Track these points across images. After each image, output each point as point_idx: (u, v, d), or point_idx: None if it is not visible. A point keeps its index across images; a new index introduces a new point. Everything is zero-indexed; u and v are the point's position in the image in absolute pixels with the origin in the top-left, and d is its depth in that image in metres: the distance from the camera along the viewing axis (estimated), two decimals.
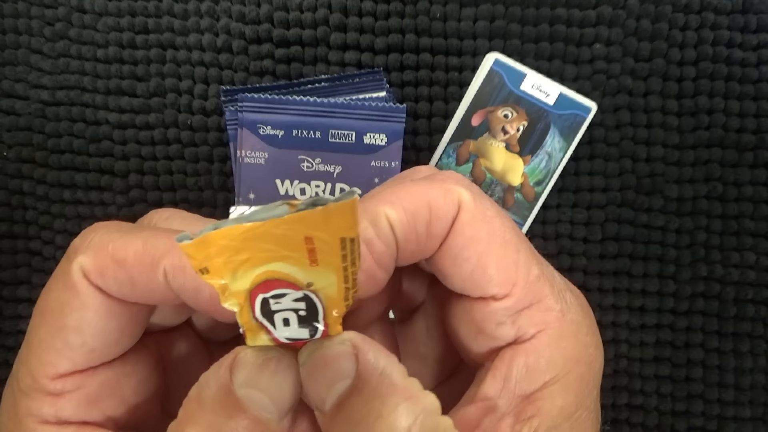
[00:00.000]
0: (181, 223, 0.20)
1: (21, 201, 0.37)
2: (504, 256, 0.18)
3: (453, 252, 0.18)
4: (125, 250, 0.17)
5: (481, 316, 0.18)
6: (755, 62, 0.36)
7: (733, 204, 0.36)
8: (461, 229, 0.18)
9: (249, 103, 0.33)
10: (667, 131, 0.36)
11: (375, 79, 0.34)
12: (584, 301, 0.20)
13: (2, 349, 0.37)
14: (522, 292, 0.18)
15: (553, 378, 0.18)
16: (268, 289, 0.15)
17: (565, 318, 0.18)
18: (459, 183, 0.18)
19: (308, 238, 0.13)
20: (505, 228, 0.18)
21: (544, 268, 0.19)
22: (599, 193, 0.36)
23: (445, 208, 0.18)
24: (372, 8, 0.36)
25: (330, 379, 0.16)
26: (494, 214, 0.18)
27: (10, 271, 0.37)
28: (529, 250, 0.18)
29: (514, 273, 0.18)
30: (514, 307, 0.18)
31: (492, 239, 0.18)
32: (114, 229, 0.18)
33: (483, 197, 0.19)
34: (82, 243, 0.18)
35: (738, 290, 0.36)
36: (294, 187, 0.34)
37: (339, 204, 0.12)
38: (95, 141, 0.36)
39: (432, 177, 0.19)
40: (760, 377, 0.37)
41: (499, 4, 0.36)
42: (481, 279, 0.18)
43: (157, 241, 0.17)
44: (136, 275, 0.17)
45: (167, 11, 0.36)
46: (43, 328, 0.17)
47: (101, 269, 0.17)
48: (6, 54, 0.36)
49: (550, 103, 0.35)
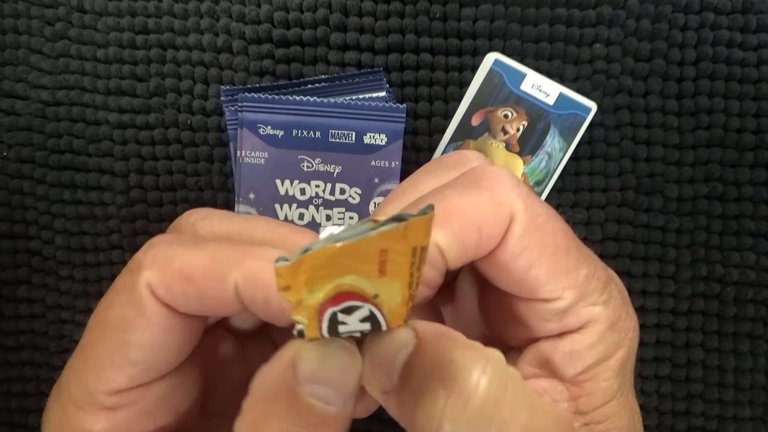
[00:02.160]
0: (220, 221, 0.20)
1: (21, 201, 0.37)
2: (555, 264, 0.18)
3: (503, 261, 0.18)
4: (193, 265, 0.17)
5: (527, 314, 0.19)
6: (755, 62, 0.35)
7: (733, 204, 0.36)
8: (513, 242, 0.18)
9: (249, 103, 0.33)
10: (667, 131, 0.36)
11: (375, 79, 0.34)
12: (621, 284, 0.20)
13: (2, 349, 0.37)
14: (572, 295, 0.18)
15: (595, 362, 0.18)
16: (337, 302, 0.15)
17: (609, 308, 0.18)
18: (510, 189, 0.18)
19: (383, 251, 0.14)
20: (555, 233, 0.18)
21: (591, 263, 0.19)
22: (599, 193, 0.36)
23: (496, 227, 0.17)
24: (372, 8, 0.36)
25: (392, 352, 0.16)
26: (545, 219, 0.18)
27: (10, 271, 0.37)
28: (578, 250, 0.18)
29: (564, 278, 0.18)
30: (562, 308, 0.18)
31: (544, 248, 0.18)
32: (177, 242, 0.18)
33: (534, 202, 0.18)
34: (146, 258, 0.18)
35: (738, 290, 0.36)
36: (294, 187, 0.34)
37: (419, 219, 0.13)
38: (95, 141, 0.36)
39: (479, 178, 0.18)
40: (760, 377, 0.37)
41: (499, 4, 0.36)
42: (531, 286, 0.18)
43: (224, 254, 0.17)
44: (206, 290, 0.17)
45: (167, 11, 0.36)
46: (103, 344, 0.17)
47: (169, 285, 0.17)
48: (6, 54, 0.36)
49: (550, 103, 0.35)
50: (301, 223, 0.34)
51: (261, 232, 0.19)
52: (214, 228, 0.20)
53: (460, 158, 0.21)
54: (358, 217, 0.34)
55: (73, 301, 0.37)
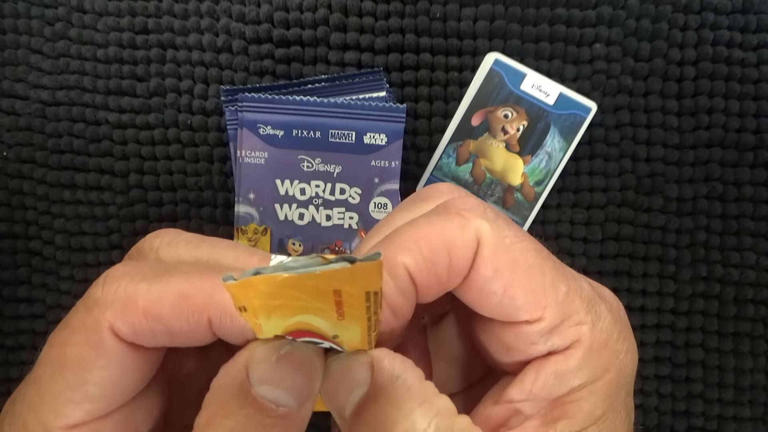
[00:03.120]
0: (186, 247, 0.19)
1: (21, 201, 0.37)
2: (530, 283, 0.18)
3: (478, 285, 0.18)
4: (160, 304, 0.16)
5: (513, 338, 0.19)
6: (755, 62, 0.35)
7: (733, 204, 0.36)
8: (483, 264, 0.18)
9: (249, 103, 0.33)
10: (667, 131, 0.36)
11: (375, 79, 0.34)
12: (616, 304, 0.20)
13: (2, 349, 0.37)
14: (552, 314, 0.18)
15: (581, 384, 0.18)
16: (298, 336, 0.16)
17: (596, 328, 0.18)
18: (475, 213, 0.18)
19: (336, 291, 0.14)
20: (527, 252, 0.18)
21: (571, 282, 0.18)
22: (599, 193, 0.36)
23: (464, 248, 0.17)
24: (372, 8, 0.36)
25: (347, 387, 0.17)
26: (514, 239, 0.18)
27: (10, 271, 0.37)
28: (554, 269, 0.18)
29: (543, 297, 0.18)
30: (545, 329, 0.18)
31: (515, 268, 0.18)
32: (139, 276, 0.17)
33: (501, 223, 0.18)
34: (105, 295, 0.17)
35: (738, 290, 0.36)
36: (294, 187, 0.34)
37: (366, 264, 0.13)
38: (95, 141, 0.36)
39: (447, 207, 0.19)
40: (760, 377, 0.37)
41: (499, 4, 0.36)
42: (509, 308, 0.18)
43: (192, 288, 0.17)
44: (175, 327, 0.17)
45: (167, 11, 0.36)
46: (60, 381, 0.17)
47: (134, 325, 0.16)
48: (6, 54, 0.36)
49: (550, 103, 0.35)
50: (301, 223, 0.34)
51: (230, 261, 0.19)
52: (180, 254, 0.19)
53: (432, 192, 0.21)
54: (358, 217, 0.34)
55: (74, 302, 0.37)
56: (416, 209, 0.20)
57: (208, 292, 0.16)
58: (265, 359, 0.16)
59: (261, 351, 0.16)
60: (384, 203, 0.34)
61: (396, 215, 0.20)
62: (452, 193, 0.21)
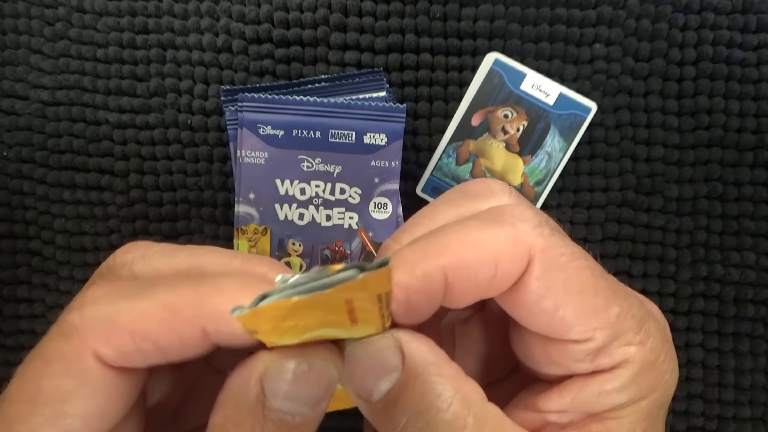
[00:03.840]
0: (162, 259, 0.18)
1: (21, 201, 0.37)
2: (583, 304, 0.17)
3: (527, 302, 0.17)
4: (147, 321, 0.15)
5: (557, 353, 0.18)
6: (755, 62, 0.35)
7: (733, 204, 0.36)
8: (535, 283, 0.17)
9: (249, 103, 0.33)
10: (667, 131, 0.36)
11: (375, 79, 0.34)
12: (663, 322, 0.19)
13: (2, 349, 0.37)
14: (603, 335, 0.17)
15: (625, 403, 0.17)
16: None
17: (645, 348, 0.17)
18: (530, 226, 0.17)
19: (348, 301, 0.14)
20: (581, 272, 0.17)
21: (623, 301, 0.18)
22: (599, 193, 0.36)
23: (513, 264, 0.17)
24: (372, 8, 0.36)
25: (376, 373, 0.16)
26: (570, 258, 0.17)
27: (10, 271, 0.37)
28: (607, 288, 0.17)
29: (594, 319, 0.17)
30: (593, 349, 0.17)
31: (569, 289, 0.17)
32: (117, 295, 0.16)
33: (557, 240, 0.17)
34: (85, 321, 0.16)
35: (738, 290, 0.36)
36: (294, 187, 0.34)
37: (376, 273, 0.13)
38: (95, 141, 0.36)
39: (501, 215, 0.17)
40: (760, 377, 0.37)
41: (499, 4, 0.36)
42: (559, 328, 0.17)
43: (179, 299, 0.15)
44: (168, 342, 0.16)
45: (167, 11, 0.36)
46: (36, 417, 0.15)
47: (122, 349, 0.15)
48: (6, 54, 0.36)
49: (550, 103, 0.35)
50: (301, 223, 0.34)
51: (214, 267, 0.18)
52: (157, 267, 0.18)
53: (483, 188, 0.20)
54: (358, 217, 0.34)
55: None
56: (465, 206, 0.19)
57: (197, 301, 0.15)
58: (281, 376, 0.15)
59: (276, 366, 0.15)
60: (384, 203, 0.34)
61: (441, 207, 0.20)
62: (504, 194, 0.19)
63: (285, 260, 0.34)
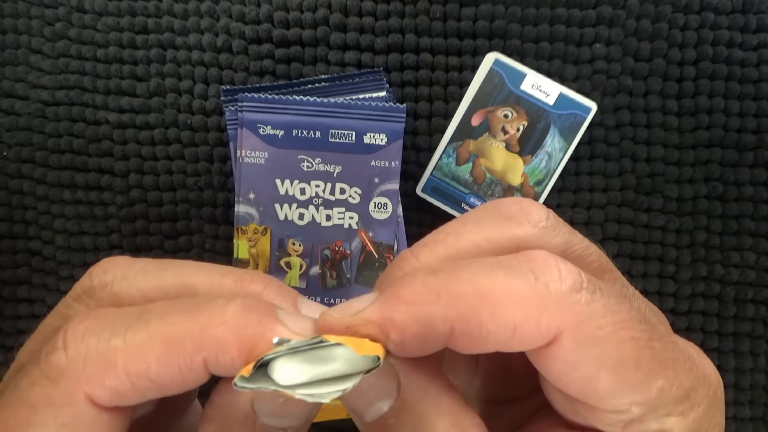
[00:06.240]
0: (146, 279, 0.17)
1: (21, 201, 0.37)
2: (619, 379, 0.15)
3: (551, 367, 0.15)
4: (143, 358, 0.14)
5: (586, 413, 0.16)
6: (755, 62, 0.36)
7: (733, 204, 0.36)
8: (563, 355, 0.15)
9: (249, 102, 0.33)
10: (667, 131, 0.36)
11: (375, 79, 0.34)
12: (716, 382, 0.17)
13: (2, 349, 0.37)
14: (639, 409, 0.15)
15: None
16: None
17: (687, 419, 0.16)
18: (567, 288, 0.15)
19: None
20: (622, 344, 0.15)
21: (669, 370, 0.15)
22: (599, 193, 0.36)
23: (533, 338, 0.15)
24: (372, 8, 0.36)
25: (370, 397, 0.16)
26: (611, 330, 0.15)
27: (10, 271, 0.37)
28: (652, 358, 0.15)
29: (631, 395, 0.15)
30: (626, 420, 0.16)
31: (603, 364, 0.15)
32: (106, 330, 0.15)
33: (597, 307, 0.15)
34: (74, 364, 0.14)
35: (738, 290, 0.36)
36: (294, 187, 0.34)
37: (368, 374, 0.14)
38: (95, 141, 0.36)
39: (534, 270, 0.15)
40: (760, 377, 0.37)
41: (499, 4, 0.36)
42: (588, 397, 0.15)
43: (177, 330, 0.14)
44: (168, 378, 0.15)
45: (167, 11, 0.36)
46: None
47: (117, 390, 0.14)
48: (6, 54, 0.36)
49: (550, 103, 0.35)
50: (301, 223, 0.34)
51: (204, 287, 0.16)
52: (142, 288, 0.16)
53: (517, 210, 0.17)
54: (358, 217, 0.34)
55: None
56: (494, 229, 0.17)
57: (197, 332, 0.14)
58: (272, 399, 0.15)
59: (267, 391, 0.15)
60: (384, 203, 0.34)
61: (469, 226, 0.18)
62: (541, 217, 0.17)
63: (285, 260, 0.34)
